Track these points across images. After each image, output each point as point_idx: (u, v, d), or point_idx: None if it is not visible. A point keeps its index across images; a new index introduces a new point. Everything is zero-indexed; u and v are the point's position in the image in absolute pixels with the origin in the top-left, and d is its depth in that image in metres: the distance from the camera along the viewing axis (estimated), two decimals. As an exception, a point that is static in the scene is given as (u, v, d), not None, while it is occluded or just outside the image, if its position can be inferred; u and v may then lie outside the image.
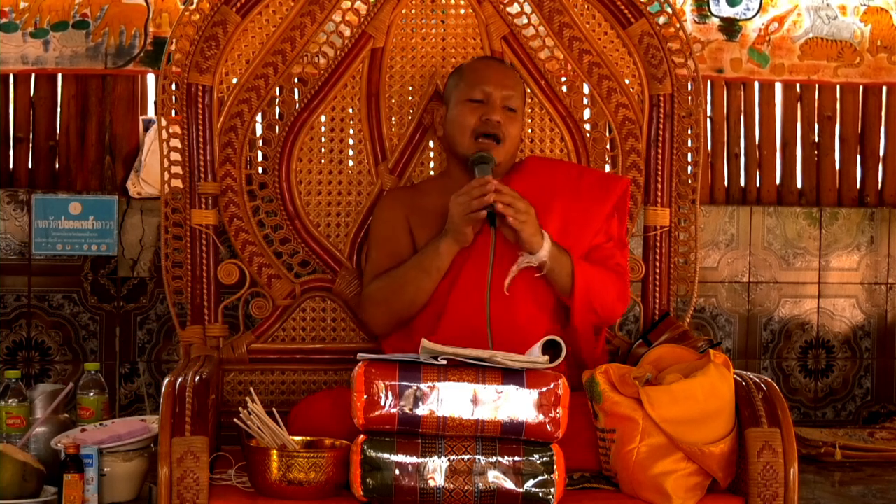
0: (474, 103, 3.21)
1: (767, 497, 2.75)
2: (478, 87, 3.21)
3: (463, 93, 3.23)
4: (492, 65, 3.29)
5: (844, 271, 5.06)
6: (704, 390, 2.78)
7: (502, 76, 3.25)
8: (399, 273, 3.15)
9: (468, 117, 3.20)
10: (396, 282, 3.15)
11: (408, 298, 3.14)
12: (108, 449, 3.41)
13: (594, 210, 3.20)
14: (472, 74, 3.25)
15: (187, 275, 3.33)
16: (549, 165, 3.31)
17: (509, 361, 2.69)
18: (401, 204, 3.26)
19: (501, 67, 3.30)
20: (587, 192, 3.21)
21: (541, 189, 3.18)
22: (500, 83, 3.22)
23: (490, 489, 2.67)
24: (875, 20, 5.04)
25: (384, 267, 3.20)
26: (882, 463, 4.45)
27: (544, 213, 3.13)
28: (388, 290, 3.16)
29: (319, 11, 3.38)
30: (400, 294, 3.14)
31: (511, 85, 3.25)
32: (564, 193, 3.19)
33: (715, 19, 4.90)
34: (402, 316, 3.16)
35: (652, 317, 3.43)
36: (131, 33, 4.51)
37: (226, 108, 3.35)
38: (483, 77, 3.23)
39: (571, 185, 3.22)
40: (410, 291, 3.13)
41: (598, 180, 3.27)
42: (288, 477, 2.70)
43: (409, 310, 3.15)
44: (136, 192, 4.49)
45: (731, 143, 5.02)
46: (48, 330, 4.49)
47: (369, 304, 3.22)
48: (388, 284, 3.16)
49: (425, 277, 3.11)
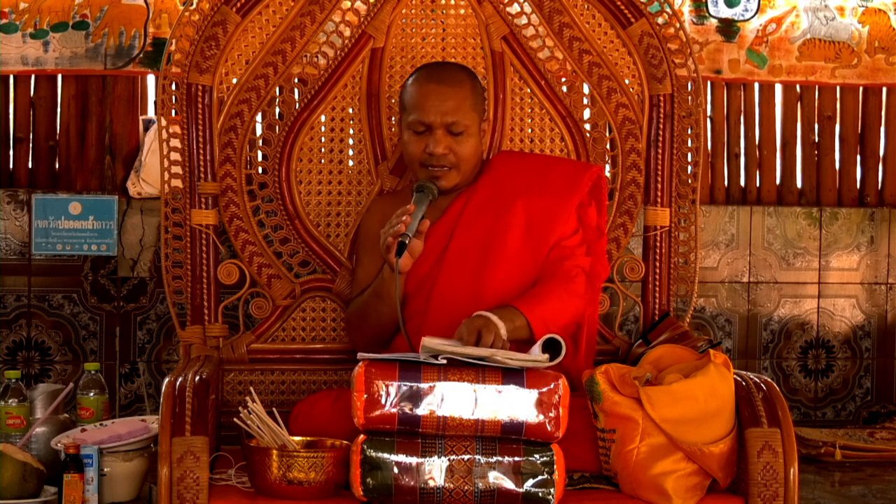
0: (418, 134, 3.14)
1: (767, 497, 2.75)
2: (418, 116, 3.12)
3: (407, 118, 3.15)
4: (429, 88, 3.13)
5: (844, 271, 5.06)
6: (704, 390, 2.78)
7: (441, 100, 3.11)
8: (363, 300, 3.18)
9: (413, 147, 3.15)
10: (361, 308, 3.18)
11: (374, 322, 3.15)
12: (108, 449, 3.41)
13: (560, 205, 3.16)
14: (411, 100, 3.14)
15: (187, 275, 3.33)
16: (514, 163, 3.27)
17: (509, 360, 2.69)
18: (380, 213, 3.24)
19: (439, 89, 3.12)
20: (552, 187, 3.18)
21: (504, 191, 3.17)
22: (438, 110, 3.10)
23: (490, 489, 2.67)
24: (873, 21, 5.04)
25: (362, 284, 3.22)
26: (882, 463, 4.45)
27: (507, 215, 3.13)
28: (358, 317, 3.20)
29: (319, 11, 3.38)
30: (367, 320, 3.17)
31: (452, 108, 3.11)
32: (528, 191, 3.16)
33: (713, 20, 4.90)
34: (378, 337, 3.16)
35: (652, 317, 3.43)
36: (131, 34, 4.51)
37: (226, 108, 3.35)
38: (421, 105, 3.12)
39: (536, 181, 3.19)
40: (374, 317, 3.14)
41: (565, 173, 3.23)
42: (288, 477, 2.70)
43: (383, 332, 3.15)
44: (136, 192, 4.49)
45: (731, 143, 5.02)
46: (48, 330, 4.49)
47: (348, 328, 3.28)
48: (357, 311, 3.20)
49: (381, 304, 3.11)
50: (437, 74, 3.17)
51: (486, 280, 3.09)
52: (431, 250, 3.11)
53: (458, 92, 3.14)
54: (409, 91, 3.17)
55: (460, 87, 3.15)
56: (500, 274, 3.09)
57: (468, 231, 3.14)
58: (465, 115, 3.13)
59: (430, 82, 3.15)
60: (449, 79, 3.16)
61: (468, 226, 3.14)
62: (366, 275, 3.22)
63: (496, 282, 3.08)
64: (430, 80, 3.16)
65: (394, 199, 3.28)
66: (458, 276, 3.11)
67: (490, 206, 3.16)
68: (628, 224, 3.43)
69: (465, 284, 3.09)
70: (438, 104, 3.12)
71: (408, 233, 2.95)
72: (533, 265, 3.12)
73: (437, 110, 3.11)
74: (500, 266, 3.10)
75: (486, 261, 3.10)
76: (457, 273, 3.11)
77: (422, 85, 3.15)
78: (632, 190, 3.43)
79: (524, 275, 3.10)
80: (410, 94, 3.16)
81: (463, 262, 3.12)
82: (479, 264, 3.11)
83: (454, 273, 3.11)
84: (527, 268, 3.11)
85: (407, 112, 3.16)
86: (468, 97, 3.15)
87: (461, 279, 3.10)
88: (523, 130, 3.44)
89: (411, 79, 3.19)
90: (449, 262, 3.12)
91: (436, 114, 3.11)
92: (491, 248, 3.11)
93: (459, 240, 3.13)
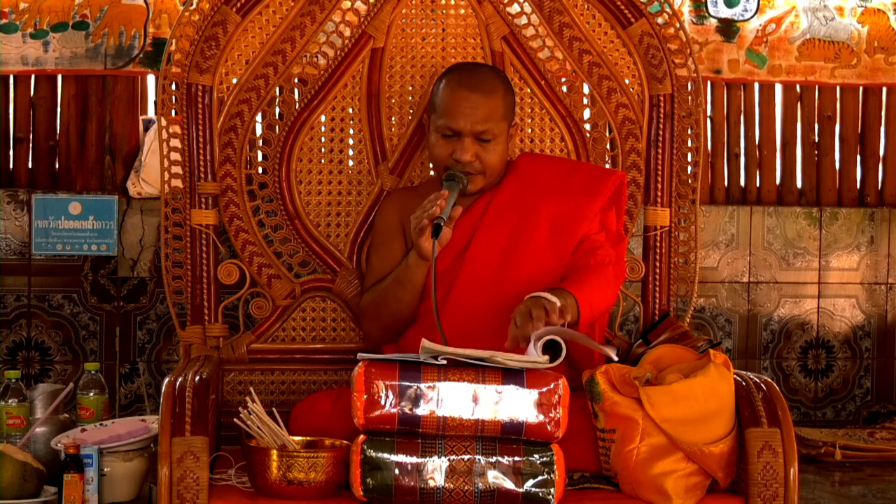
0: (446, 137, 3.12)
1: (767, 497, 2.75)
2: (447, 122, 3.10)
3: (437, 120, 3.14)
4: (462, 95, 3.09)
5: (844, 271, 5.06)
6: (704, 390, 2.78)
7: (473, 108, 3.08)
8: (382, 287, 3.17)
9: (441, 150, 3.14)
10: (380, 296, 3.17)
11: (392, 311, 3.15)
12: (108, 449, 3.41)
13: (584, 208, 3.16)
14: (442, 103, 3.12)
15: (187, 275, 3.33)
16: (538, 165, 3.27)
17: (509, 361, 2.69)
18: (395, 207, 3.25)
19: (472, 97, 3.09)
20: (576, 190, 3.18)
21: (529, 192, 3.17)
22: (470, 117, 3.08)
23: (490, 489, 2.67)
24: (872, 21, 5.04)
25: (379, 273, 3.21)
26: (882, 463, 4.45)
27: (533, 216, 3.13)
28: (375, 305, 3.18)
29: (319, 11, 3.38)
30: (385, 308, 3.16)
31: (483, 117, 3.08)
32: (553, 194, 3.16)
33: (713, 20, 4.90)
34: (393, 328, 3.17)
35: (652, 317, 3.43)
36: (131, 34, 4.51)
37: (226, 108, 3.35)
38: (453, 111, 3.09)
39: (560, 183, 3.19)
40: (393, 304, 3.14)
41: (588, 177, 3.23)
42: (288, 477, 2.70)
43: (398, 322, 3.16)
44: (136, 192, 4.49)
45: (731, 143, 5.02)
46: (48, 330, 4.49)
47: (363, 318, 3.25)
48: (374, 298, 3.18)
49: (403, 291, 3.11)
50: (471, 80, 3.12)
51: (509, 279, 3.09)
52: (452, 247, 3.10)
53: (491, 101, 3.11)
54: (440, 93, 3.14)
55: (493, 95, 3.11)
56: (524, 274, 3.09)
57: (491, 230, 3.14)
58: (495, 124, 3.11)
59: (463, 88, 3.10)
60: (482, 86, 3.11)
61: (491, 225, 3.14)
62: (381, 265, 3.22)
63: (519, 282, 3.07)
64: (463, 85, 3.11)
65: (413, 193, 3.28)
66: (480, 274, 3.11)
67: (514, 207, 3.15)
68: (628, 224, 3.43)
69: (486, 283, 3.09)
70: (470, 112, 3.09)
71: (442, 216, 2.95)
72: (557, 266, 3.11)
73: (467, 118, 3.09)
74: (523, 266, 3.10)
75: (510, 260, 3.11)
76: (478, 271, 3.11)
77: (454, 90, 3.11)
78: (632, 190, 3.43)
79: (548, 275, 3.09)
80: (442, 97, 3.13)
81: (485, 260, 3.12)
82: (502, 263, 3.11)
83: (475, 271, 3.11)
84: (550, 268, 3.11)
85: (437, 114, 3.14)
86: (500, 106, 3.12)
87: (482, 278, 3.10)
88: (523, 130, 3.44)
89: (444, 80, 3.15)
90: (470, 259, 3.12)
91: (466, 121, 3.09)
92: (515, 248, 3.12)
93: (482, 238, 3.13)
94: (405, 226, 3.18)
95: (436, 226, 2.97)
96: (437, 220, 2.96)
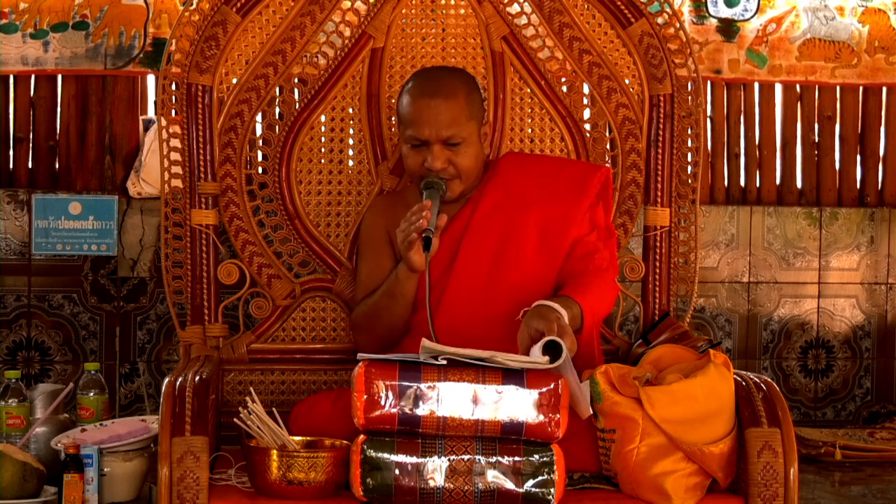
0: (416, 147, 3.09)
1: (767, 497, 2.75)
2: (413, 132, 3.06)
3: (404, 131, 3.10)
4: (422, 103, 3.05)
5: (844, 271, 5.06)
6: (704, 390, 2.78)
7: (435, 115, 3.03)
8: (374, 301, 3.15)
9: (412, 160, 3.11)
10: (372, 309, 3.15)
11: (385, 324, 3.13)
12: (108, 449, 3.41)
13: (572, 209, 3.14)
14: (405, 113, 3.09)
15: (187, 275, 3.33)
16: (524, 166, 3.23)
17: (509, 361, 2.69)
18: (381, 215, 3.23)
19: (432, 103, 3.04)
20: (563, 191, 3.16)
21: (514, 197, 3.15)
22: (434, 124, 3.03)
23: (490, 489, 2.67)
24: (873, 21, 5.04)
25: (369, 284, 3.19)
26: (882, 463, 4.45)
27: (520, 222, 3.11)
28: (368, 318, 3.16)
29: (319, 11, 3.38)
30: (378, 321, 3.14)
31: (447, 122, 3.03)
32: (539, 197, 3.14)
33: (713, 20, 4.90)
34: (387, 340, 3.14)
35: (652, 317, 3.43)
36: (131, 34, 4.51)
37: (226, 108, 3.35)
38: (417, 120, 3.05)
39: (548, 184, 3.17)
40: (385, 318, 3.12)
41: (574, 176, 3.20)
42: (288, 477, 2.70)
43: (392, 334, 3.14)
44: (136, 192, 4.49)
45: (731, 143, 5.02)
46: (48, 330, 4.49)
47: (357, 332, 3.24)
48: (366, 312, 3.16)
49: (395, 304, 3.10)
50: (430, 86, 3.08)
51: (499, 286, 3.08)
52: (440, 257, 3.08)
53: (453, 104, 3.06)
54: (402, 103, 3.12)
55: (455, 98, 3.07)
56: (514, 280, 3.07)
57: (478, 237, 3.12)
58: (461, 127, 3.07)
59: (424, 95, 3.06)
60: (442, 90, 3.07)
61: (478, 232, 3.12)
62: (370, 276, 3.20)
63: (509, 288, 3.06)
64: (424, 93, 3.07)
65: (396, 199, 3.27)
66: (470, 282, 3.09)
67: (501, 212, 3.13)
68: (628, 224, 3.43)
69: (476, 291, 3.08)
70: (433, 119, 3.05)
71: (430, 227, 2.93)
72: (548, 271, 3.10)
73: (431, 125, 3.05)
74: (513, 272, 3.08)
75: (499, 267, 3.09)
76: (468, 279, 3.09)
77: (415, 98, 3.07)
78: (632, 190, 3.43)
79: (538, 280, 3.08)
80: (405, 107, 3.10)
81: (474, 267, 3.10)
82: (492, 270, 3.09)
83: (465, 279, 3.09)
84: (541, 273, 3.09)
85: (403, 125, 3.12)
86: (463, 107, 3.08)
87: (472, 286, 3.09)
88: (523, 131, 3.44)
89: (405, 89, 3.14)
90: (459, 268, 3.10)
91: (431, 129, 3.05)
92: (503, 254, 3.10)
93: (469, 246, 3.11)
94: (391, 234, 3.16)
95: (426, 238, 2.94)
96: (425, 232, 2.94)
